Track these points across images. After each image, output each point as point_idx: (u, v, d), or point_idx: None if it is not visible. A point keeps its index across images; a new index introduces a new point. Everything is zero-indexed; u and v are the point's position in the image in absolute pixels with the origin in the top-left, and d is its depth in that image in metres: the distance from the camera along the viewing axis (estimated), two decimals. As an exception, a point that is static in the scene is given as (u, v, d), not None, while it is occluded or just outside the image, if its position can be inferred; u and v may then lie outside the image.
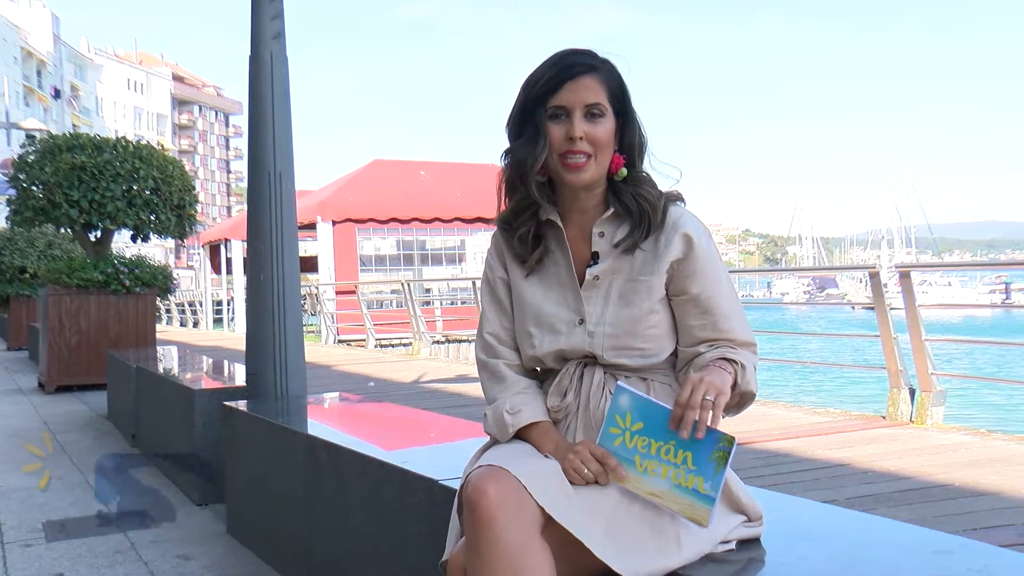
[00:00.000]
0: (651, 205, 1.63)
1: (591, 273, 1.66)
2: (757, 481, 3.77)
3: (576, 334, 1.66)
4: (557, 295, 1.69)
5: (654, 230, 1.63)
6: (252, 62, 3.99)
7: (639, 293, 1.63)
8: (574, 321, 1.66)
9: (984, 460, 4.35)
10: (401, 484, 2.22)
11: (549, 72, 1.61)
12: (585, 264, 1.68)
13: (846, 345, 25.09)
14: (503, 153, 1.68)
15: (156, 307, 9.36)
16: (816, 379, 19.00)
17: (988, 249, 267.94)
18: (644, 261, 1.64)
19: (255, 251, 3.98)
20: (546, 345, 1.68)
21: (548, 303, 1.69)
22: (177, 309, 27.96)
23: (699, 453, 1.44)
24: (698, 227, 1.65)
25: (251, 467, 3.47)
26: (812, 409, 6.46)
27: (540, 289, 1.70)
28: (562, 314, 1.67)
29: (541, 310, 1.69)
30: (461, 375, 8.77)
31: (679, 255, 1.62)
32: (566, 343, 1.66)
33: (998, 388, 15.72)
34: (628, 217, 1.64)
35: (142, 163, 8.86)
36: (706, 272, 1.62)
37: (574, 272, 1.68)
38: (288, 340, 3.95)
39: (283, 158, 3.97)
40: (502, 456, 1.51)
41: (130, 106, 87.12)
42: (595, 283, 1.66)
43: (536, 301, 1.70)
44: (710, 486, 1.43)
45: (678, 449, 1.45)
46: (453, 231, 22.80)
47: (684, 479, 1.45)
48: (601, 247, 1.66)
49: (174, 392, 4.68)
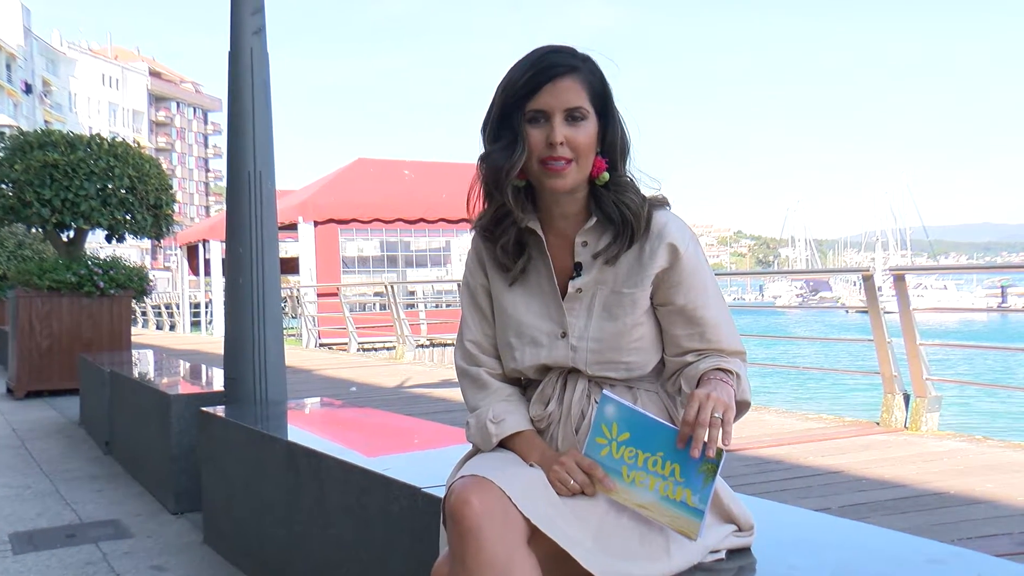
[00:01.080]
0: (634, 213, 1.59)
1: (574, 285, 1.64)
2: (748, 489, 3.78)
3: (558, 348, 1.64)
4: (539, 306, 1.67)
5: (638, 238, 1.61)
6: (232, 58, 3.98)
7: (623, 306, 1.61)
8: (556, 334, 1.65)
9: (980, 467, 4.37)
10: (383, 492, 2.22)
11: (527, 74, 1.57)
12: (568, 274, 1.66)
13: (840, 350, 25.22)
14: (479, 159, 1.64)
15: (131, 310, 9.31)
16: (809, 384, 19.08)
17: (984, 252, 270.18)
18: (629, 272, 1.62)
19: (234, 252, 3.97)
20: (527, 358, 1.66)
21: (530, 314, 1.67)
22: (153, 312, 27.82)
23: (687, 465, 1.44)
24: (684, 234, 1.62)
25: (229, 475, 3.46)
26: (804, 415, 6.49)
27: (522, 299, 1.69)
28: (544, 326, 1.66)
29: (523, 321, 1.67)
30: (446, 380, 8.75)
31: (664, 265, 1.60)
32: (548, 357, 1.65)
33: (995, 394, 15.82)
34: (611, 225, 1.61)
35: (117, 161, 8.82)
36: (692, 282, 1.60)
37: (556, 283, 1.66)
38: (268, 344, 3.93)
39: (263, 157, 3.96)
40: (486, 466, 1.51)
41: (105, 102, 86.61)
42: (578, 295, 1.64)
43: (517, 312, 1.68)
44: (698, 499, 1.43)
45: (666, 461, 1.45)
46: (438, 232, 22.79)
47: (672, 491, 1.45)
48: (584, 257, 1.64)
49: (149, 398, 4.65)
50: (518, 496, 1.42)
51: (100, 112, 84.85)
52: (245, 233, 3.93)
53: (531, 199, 1.67)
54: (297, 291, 18.38)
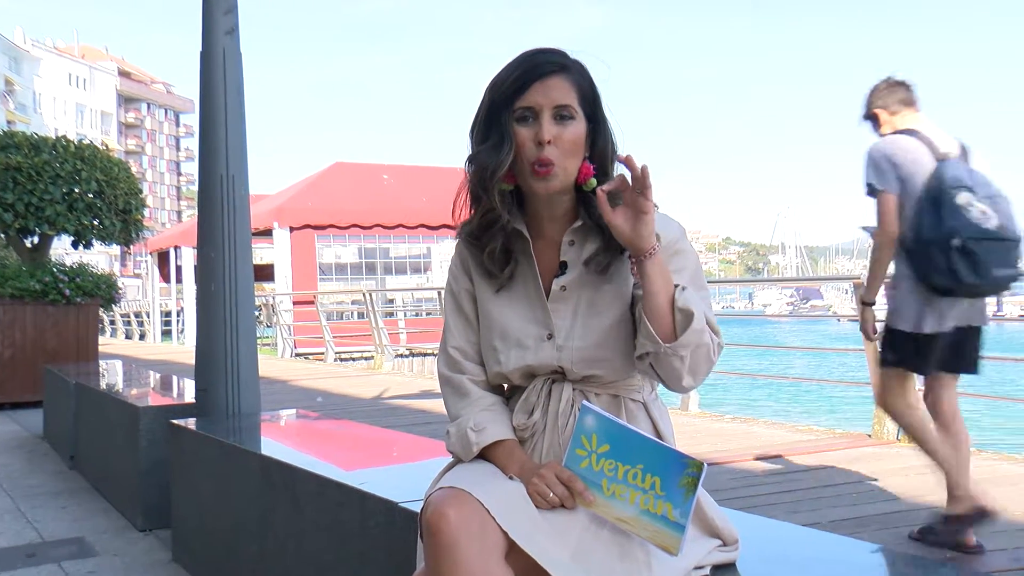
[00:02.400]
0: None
1: (558, 283, 1.66)
2: (735, 503, 3.80)
3: (544, 349, 1.66)
4: (524, 310, 1.69)
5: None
6: (204, 58, 3.97)
7: (608, 302, 1.63)
8: (542, 336, 1.66)
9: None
10: (360, 507, 2.22)
11: (516, 72, 1.60)
12: (553, 274, 1.68)
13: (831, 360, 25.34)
14: (466, 160, 1.67)
15: (99, 318, 9.25)
16: (799, 395, 19.16)
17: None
18: (615, 268, 1.64)
19: (206, 259, 3.95)
20: (512, 361, 1.68)
21: (515, 318, 1.69)
22: (122, 320, 27.65)
23: (668, 478, 1.45)
24: (670, 225, 1.62)
25: (200, 490, 3.44)
26: (794, 426, 6.52)
27: (507, 303, 1.70)
28: (530, 329, 1.67)
29: (508, 325, 1.69)
30: (425, 391, 8.75)
31: None
32: (534, 358, 1.66)
33: (989, 405, 15.90)
34: (600, 232, 1.63)
35: (84, 164, 8.77)
36: (671, 261, 1.58)
37: (541, 285, 1.68)
38: (241, 354, 3.92)
39: (236, 160, 3.96)
40: (465, 478, 1.51)
41: (71, 102, 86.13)
42: (563, 295, 1.66)
43: (503, 316, 1.70)
44: (679, 513, 1.44)
45: (646, 473, 1.46)
46: (418, 238, 22.76)
47: (652, 505, 1.46)
48: (570, 256, 1.67)
49: (117, 410, 4.62)
50: (497, 509, 1.42)
51: (67, 113, 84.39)
52: (218, 239, 3.92)
53: (519, 203, 1.69)
54: (272, 299, 18.32)
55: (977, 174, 3.28)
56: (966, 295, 3.27)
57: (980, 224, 3.14)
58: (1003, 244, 3.17)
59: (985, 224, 3.15)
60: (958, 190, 3.17)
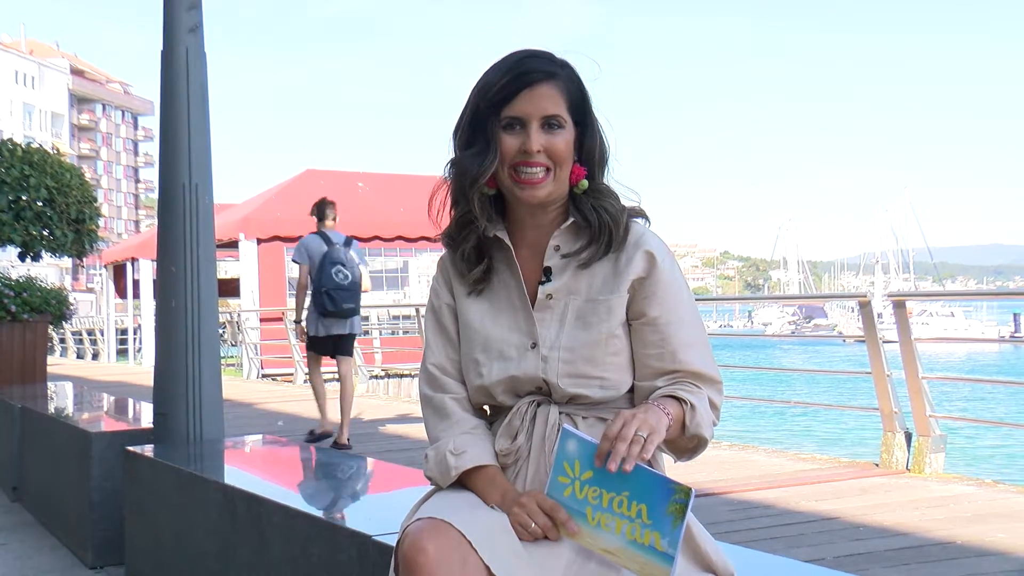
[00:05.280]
0: (612, 218, 1.66)
1: (543, 291, 1.69)
2: (733, 536, 3.81)
3: (528, 359, 1.67)
4: (507, 319, 1.71)
5: (615, 247, 1.66)
6: (165, 57, 3.98)
7: (598, 314, 1.66)
8: (526, 345, 1.68)
9: (989, 514, 4.42)
10: (330, 540, 2.21)
11: (504, 78, 1.63)
12: (537, 281, 1.71)
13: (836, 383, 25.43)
14: (448, 163, 1.71)
15: (48, 337, 9.19)
16: (802, 421, 19.21)
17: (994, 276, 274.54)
18: (604, 280, 1.67)
19: (167, 273, 3.95)
20: (495, 372, 1.69)
21: (498, 328, 1.71)
22: (74, 339, 27.46)
23: (654, 506, 1.45)
24: (662, 247, 1.69)
25: (157, 523, 3.42)
26: (797, 455, 6.54)
27: (489, 313, 1.72)
28: (513, 339, 1.69)
29: (490, 335, 1.71)
30: (402, 414, 8.73)
31: (641, 273, 1.65)
32: (517, 369, 1.67)
33: (1007, 434, 15.94)
34: (587, 228, 1.67)
35: (33, 169, 8.72)
36: (668, 294, 1.66)
37: (525, 293, 1.70)
38: (203, 375, 3.91)
39: (200, 167, 3.96)
40: (444, 507, 1.52)
41: (19, 102, 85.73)
42: (548, 303, 1.68)
43: (484, 327, 1.72)
44: (668, 542, 1.44)
45: (632, 501, 1.47)
46: (395, 251, 22.73)
47: (639, 535, 1.46)
48: (554, 261, 1.69)
49: (67, 436, 4.60)
50: (479, 541, 1.43)
51: (13, 114, 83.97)
52: (179, 251, 3.91)
53: (500, 209, 1.72)
54: (237, 316, 18.24)
55: (344, 252, 6.91)
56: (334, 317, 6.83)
57: (338, 281, 6.72)
58: (347, 291, 6.77)
59: (341, 281, 6.73)
60: (333, 263, 6.71)
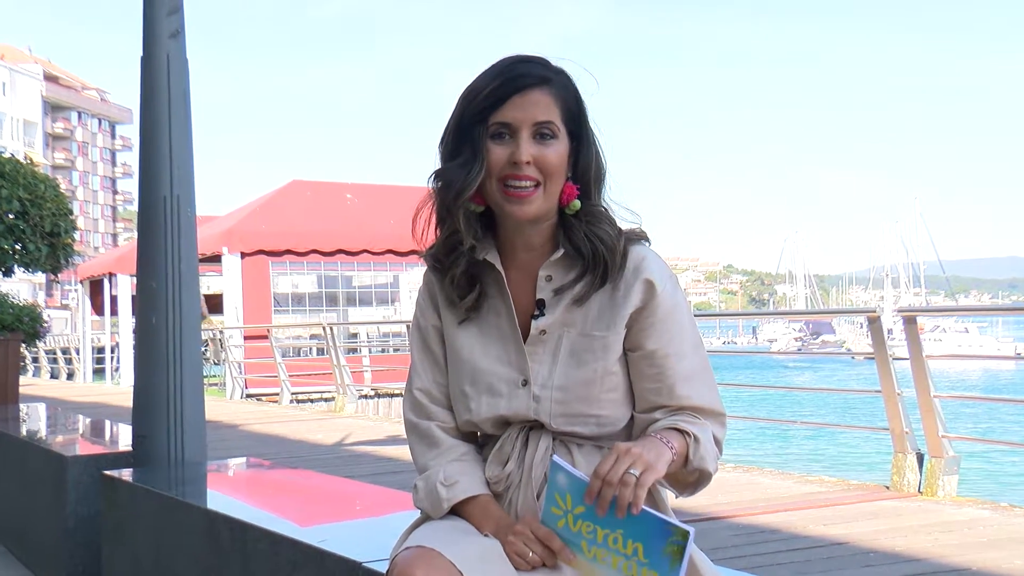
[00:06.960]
0: (608, 247, 1.61)
1: (536, 327, 1.66)
2: (738, 562, 3.80)
3: (519, 397, 1.65)
4: (497, 350, 1.68)
5: (611, 277, 1.62)
6: (145, 63, 3.99)
7: (593, 351, 1.63)
8: (516, 381, 1.66)
9: (1006, 540, 4.41)
10: (318, 567, 2.21)
11: (493, 83, 1.59)
12: (530, 313, 1.67)
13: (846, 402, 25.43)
14: (431, 175, 1.66)
15: (20, 355, 9.17)
16: (809, 442, 19.20)
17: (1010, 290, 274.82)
18: (600, 313, 1.63)
19: (147, 289, 3.94)
20: (484, 409, 1.67)
21: (487, 359, 1.68)
22: (48, 358, 27.38)
23: (651, 545, 1.43)
24: (663, 272, 1.64)
25: (136, 550, 3.41)
26: (804, 477, 6.53)
27: (478, 342, 1.69)
28: (503, 373, 1.66)
29: (479, 367, 1.68)
30: (393, 436, 8.71)
31: (639, 304, 1.62)
32: (507, 408, 1.66)
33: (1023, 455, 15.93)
34: (580, 260, 1.63)
35: (4, 181, 8.70)
36: (667, 325, 1.62)
37: (516, 323, 1.68)
38: (185, 395, 3.90)
39: (182, 178, 3.96)
40: (435, 535, 1.51)
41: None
42: (541, 338, 1.66)
43: (473, 357, 1.69)
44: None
45: (627, 539, 1.45)
46: (385, 266, 22.75)
47: (636, 572, 1.44)
48: (547, 294, 1.66)
49: (40, 460, 4.58)
50: (471, 571, 1.43)
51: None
52: (160, 266, 3.91)
53: (491, 229, 1.68)
54: (220, 333, 18.22)
55: None
56: None
57: None
58: None
59: None
60: None
